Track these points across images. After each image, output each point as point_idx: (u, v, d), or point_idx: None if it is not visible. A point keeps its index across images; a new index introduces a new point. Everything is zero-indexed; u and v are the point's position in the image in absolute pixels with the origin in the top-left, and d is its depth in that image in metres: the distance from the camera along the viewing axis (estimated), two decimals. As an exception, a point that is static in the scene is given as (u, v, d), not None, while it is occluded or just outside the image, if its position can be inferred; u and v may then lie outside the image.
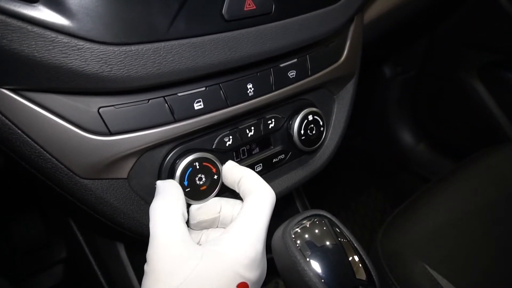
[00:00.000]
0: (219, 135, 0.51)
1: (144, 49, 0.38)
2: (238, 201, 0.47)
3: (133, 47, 0.38)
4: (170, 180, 0.45)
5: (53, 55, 0.35)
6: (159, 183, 0.44)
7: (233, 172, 0.48)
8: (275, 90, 0.52)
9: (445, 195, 0.79)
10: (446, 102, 1.41)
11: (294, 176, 0.62)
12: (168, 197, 0.42)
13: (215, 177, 0.49)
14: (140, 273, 0.73)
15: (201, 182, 0.48)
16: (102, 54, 0.36)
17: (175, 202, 0.42)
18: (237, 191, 0.47)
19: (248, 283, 0.39)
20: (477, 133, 1.35)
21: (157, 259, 0.37)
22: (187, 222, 0.44)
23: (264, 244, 0.42)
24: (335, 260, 0.38)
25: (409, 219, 0.75)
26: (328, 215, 0.43)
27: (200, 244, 0.43)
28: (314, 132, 0.59)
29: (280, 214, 0.44)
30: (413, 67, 1.50)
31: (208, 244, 0.40)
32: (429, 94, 1.48)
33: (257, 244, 0.40)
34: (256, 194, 0.43)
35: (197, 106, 0.46)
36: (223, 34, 0.43)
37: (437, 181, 0.84)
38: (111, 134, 0.41)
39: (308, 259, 0.37)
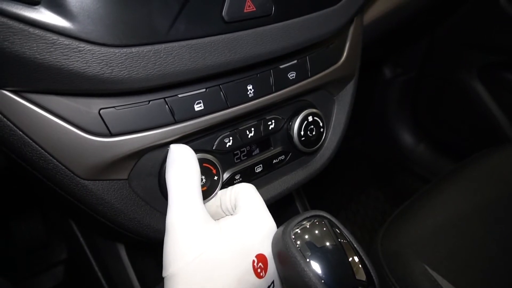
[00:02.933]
0: (219, 136, 0.51)
1: (145, 50, 0.39)
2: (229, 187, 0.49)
3: (134, 49, 0.38)
4: (184, 146, 0.45)
5: (54, 57, 0.35)
6: (173, 147, 0.44)
7: (213, 200, 0.49)
8: (275, 91, 0.52)
9: (445, 195, 0.79)
10: (446, 102, 1.41)
11: (294, 177, 0.62)
12: (185, 166, 0.42)
13: (215, 178, 0.49)
14: (140, 274, 0.73)
15: (201, 183, 0.48)
16: (103, 56, 0.36)
17: (192, 173, 0.42)
18: (229, 209, 0.47)
19: (266, 254, 0.41)
20: (477, 134, 1.35)
21: (174, 232, 0.38)
22: None
23: (272, 220, 0.44)
24: (335, 261, 0.38)
25: (409, 220, 0.75)
26: (328, 216, 0.43)
27: None
28: (314, 133, 0.59)
29: (280, 215, 0.44)
30: (413, 68, 1.50)
31: (223, 220, 0.42)
32: (429, 95, 1.48)
33: (267, 218, 0.43)
34: (237, 188, 0.46)
35: (198, 107, 0.46)
36: (223, 36, 0.44)
37: (437, 182, 0.84)
38: (111, 135, 0.42)
39: (308, 260, 0.37)
